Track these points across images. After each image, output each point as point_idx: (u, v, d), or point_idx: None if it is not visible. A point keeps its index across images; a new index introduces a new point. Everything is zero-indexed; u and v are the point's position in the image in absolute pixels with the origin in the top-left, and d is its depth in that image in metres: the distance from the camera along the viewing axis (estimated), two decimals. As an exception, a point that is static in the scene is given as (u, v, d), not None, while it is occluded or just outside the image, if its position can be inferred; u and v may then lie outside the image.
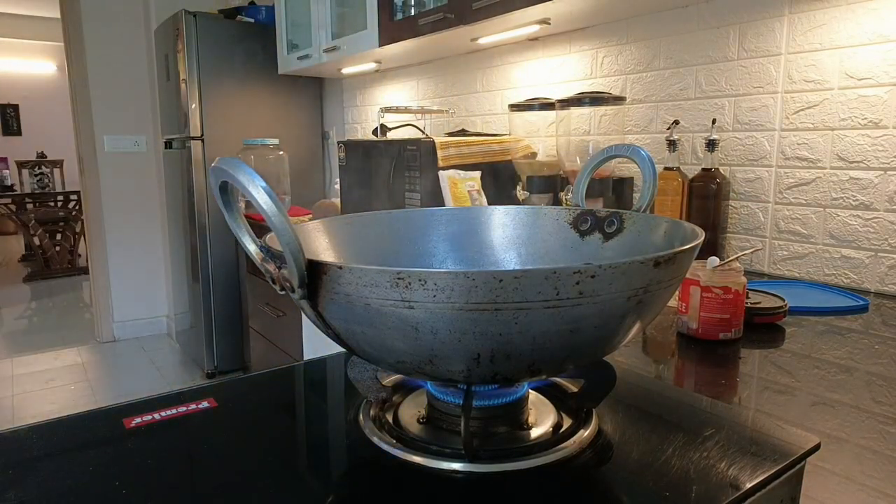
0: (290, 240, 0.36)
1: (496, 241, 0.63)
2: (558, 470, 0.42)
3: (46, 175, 6.04)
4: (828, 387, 0.69)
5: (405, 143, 1.58)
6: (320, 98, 3.02)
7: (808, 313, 0.97)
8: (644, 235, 0.55)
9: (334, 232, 0.58)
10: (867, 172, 1.13)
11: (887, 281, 1.11)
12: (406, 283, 0.35)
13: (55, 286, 5.04)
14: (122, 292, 3.56)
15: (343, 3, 2.24)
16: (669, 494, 0.38)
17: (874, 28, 1.10)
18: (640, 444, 0.45)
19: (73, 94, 3.39)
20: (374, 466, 0.43)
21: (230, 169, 0.36)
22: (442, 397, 0.47)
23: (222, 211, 0.40)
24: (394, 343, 0.38)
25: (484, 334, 0.36)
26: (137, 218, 3.54)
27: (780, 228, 1.28)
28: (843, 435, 0.58)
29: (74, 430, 0.49)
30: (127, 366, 3.24)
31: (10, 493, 0.39)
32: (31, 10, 6.48)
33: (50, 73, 7.23)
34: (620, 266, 0.35)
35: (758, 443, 0.45)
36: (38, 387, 2.98)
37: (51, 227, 5.38)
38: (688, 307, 0.84)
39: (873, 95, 1.11)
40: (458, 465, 0.42)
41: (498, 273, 0.34)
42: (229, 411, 0.53)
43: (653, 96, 1.53)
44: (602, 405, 0.49)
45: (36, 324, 4.06)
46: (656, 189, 0.58)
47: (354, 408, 0.50)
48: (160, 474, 0.42)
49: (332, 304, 0.39)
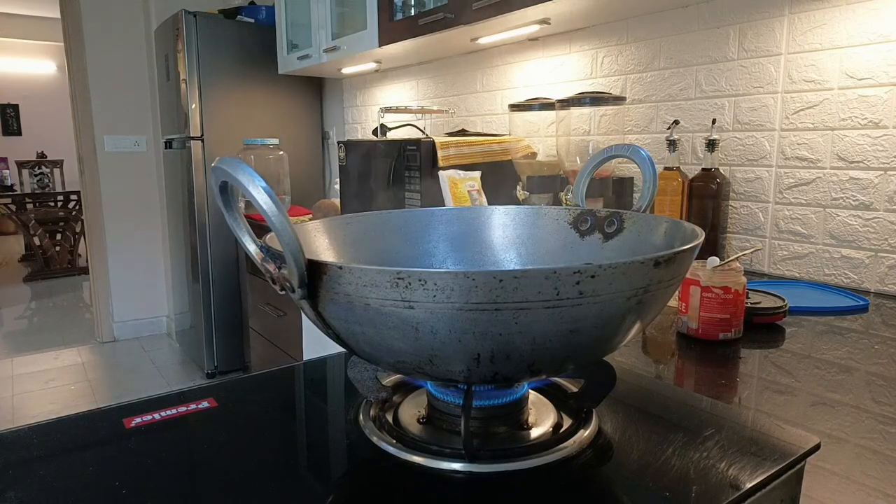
0: (289, 240, 0.36)
1: (496, 242, 0.63)
2: (558, 470, 0.42)
3: (46, 175, 6.04)
4: (828, 387, 0.69)
5: (405, 143, 1.58)
6: (320, 98, 3.02)
7: (808, 313, 0.97)
8: (644, 235, 0.55)
9: (334, 232, 0.58)
10: (867, 172, 1.13)
11: (887, 281, 1.11)
12: (406, 283, 0.35)
13: (55, 286, 5.04)
14: (122, 292, 3.56)
15: (343, 3, 2.24)
16: (669, 494, 0.38)
17: (874, 28, 1.10)
18: (640, 444, 0.45)
19: (72, 94, 3.39)
20: (374, 466, 0.43)
21: (230, 169, 0.36)
22: (442, 397, 0.47)
23: (222, 211, 0.40)
24: (394, 343, 0.38)
25: (484, 334, 0.36)
26: (137, 218, 3.54)
27: (780, 228, 1.28)
28: (843, 435, 0.58)
29: (74, 430, 0.49)
30: (127, 366, 3.24)
31: (10, 494, 0.39)
32: (31, 9, 6.48)
33: (50, 73, 7.23)
34: (620, 266, 0.35)
35: (758, 443, 0.45)
36: (38, 387, 2.98)
37: (51, 227, 5.38)
38: (688, 307, 0.84)
39: (873, 95, 1.11)
40: (458, 465, 0.42)
41: (498, 273, 0.34)
42: (229, 411, 0.53)
43: (653, 96, 1.53)
44: (602, 405, 0.49)
45: (36, 324, 4.06)
46: (656, 189, 0.58)
47: (354, 408, 0.50)
48: (160, 474, 0.42)
49: (332, 303, 0.39)
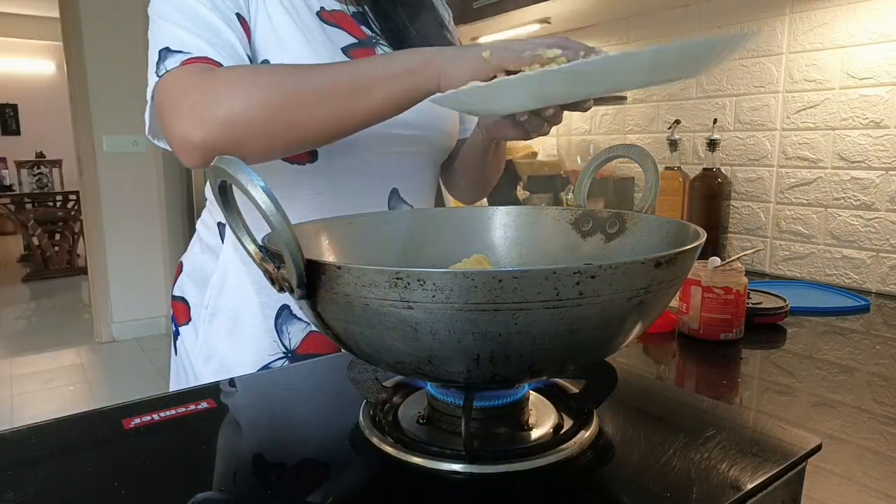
0: (288, 239, 0.36)
1: (497, 242, 0.63)
2: (559, 471, 0.42)
3: (45, 175, 6.04)
4: (829, 387, 0.69)
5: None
6: (320, 98, 3.02)
7: (810, 314, 0.97)
8: (646, 236, 0.55)
9: (334, 232, 0.58)
10: (868, 172, 1.13)
11: (888, 281, 1.11)
12: (405, 284, 0.34)
13: (54, 286, 5.04)
14: (120, 292, 3.56)
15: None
16: (670, 495, 0.38)
17: (875, 27, 1.10)
18: (640, 445, 0.45)
19: (72, 94, 3.39)
20: (374, 467, 0.43)
21: (229, 168, 0.36)
22: (442, 398, 0.47)
23: (221, 211, 0.40)
24: (393, 343, 0.38)
25: (483, 335, 0.36)
26: (136, 218, 3.54)
27: (781, 228, 1.28)
28: (845, 435, 0.57)
29: (73, 430, 0.49)
30: (126, 366, 3.24)
31: (9, 494, 0.39)
32: (31, 9, 6.48)
33: (49, 73, 7.23)
34: (621, 266, 0.35)
35: (759, 443, 0.45)
36: (36, 387, 2.98)
37: (50, 228, 5.38)
38: (689, 307, 0.84)
39: (874, 95, 1.11)
40: (458, 465, 0.41)
41: (497, 273, 0.33)
42: (228, 412, 0.53)
43: (654, 96, 1.52)
44: (603, 406, 0.49)
45: (35, 324, 4.06)
46: (658, 190, 0.57)
47: (354, 408, 0.50)
48: (159, 475, 0.42)
49: (331, 304, 0.39)
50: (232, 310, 0.76)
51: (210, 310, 0.77)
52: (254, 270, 0.74)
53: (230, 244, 0.77)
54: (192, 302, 0.80)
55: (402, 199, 0.79)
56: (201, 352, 0.77)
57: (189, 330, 0.79)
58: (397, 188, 0.79)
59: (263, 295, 0.75)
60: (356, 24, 0.76)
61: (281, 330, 0.75)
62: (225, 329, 0.76)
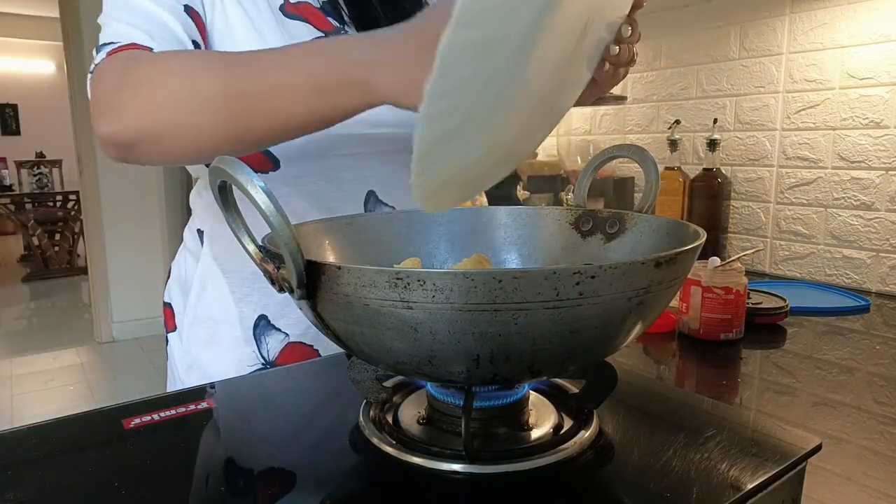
0: (288, 239, 0.36)
1: (497, 242, 0.63)
2: (559, 471, 0.42)
3: (45, 175, 6.03)
4: (829, 387, 0.69)
5: (405, 142, 1.58)
6: (320, 98, 3.02)
7: (810, 314, 0.97)
8: (646, 236, 0.55)
9: (334, 232, 0.58)
10: (868, 172, 1.13)
11: (889, 281, 1.11)
12: (405, 284, 0.34)
13: (54, 286, 5.04)
14: (120, 292, 3.56)
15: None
16: (670, 495, 0.38)
17: (875, 27, 1.10)
18: (640, 445, 0.45)
19: (71, 94, 3.39)
20: (374, 467, 0.43)
21: (228, 168, 0.36)
22: (442, 398, 0.47)
23: (221, 211, 0.40)
24: (393, 344, 0.38)
25: (483, 335, 0.36)
26: (136, 218, 3.54)
27: (781, 228, 1.28)
28: (845, 436, 0.57)
29: (73, 430, 0.49)
30: (126, 366, 3.24)
31: (9, 494, 0.39)
32: (31, 9, 6.49)
33: (49, 73, 7.23)
34: (621, 266, 0.35)
35: (759, 444, 0.45)
36: (36, 387, 2.98)
37: (50, 228, 5.39)
38: (689, 307, 0.84)
39: (875, 95, 1.11)
40: (458, 465, 0.41)
41: (497, 273, 0.33)
42: (228, 412, 0.53)
43: (654, 96, 1.52)
44: (603, 406, 0.49)
45: (35, 324, 4.06)
46: (658, 190, 0.57)
47: (354, 408, 0.50)
48: (159, 475, 0.42)
49: (331, 304, 0.39)
50: (211, 318, 0.73)
51: (190, 318, 0.75)
52: (233, 279, 0.72)
53: (209, 251, 0.74)
54: (177, 309, 0.78)
55: (381, 202, 0.75)
56: (184, 360, 0.75)
57: (175, 337, 0.77)
58: (374, 191, 0.74)
59: (242, 304, 0.72)
60: (323, 15, 0.70)
61: (259, 340, 0.72)
62: (204, 338, 0.74)
